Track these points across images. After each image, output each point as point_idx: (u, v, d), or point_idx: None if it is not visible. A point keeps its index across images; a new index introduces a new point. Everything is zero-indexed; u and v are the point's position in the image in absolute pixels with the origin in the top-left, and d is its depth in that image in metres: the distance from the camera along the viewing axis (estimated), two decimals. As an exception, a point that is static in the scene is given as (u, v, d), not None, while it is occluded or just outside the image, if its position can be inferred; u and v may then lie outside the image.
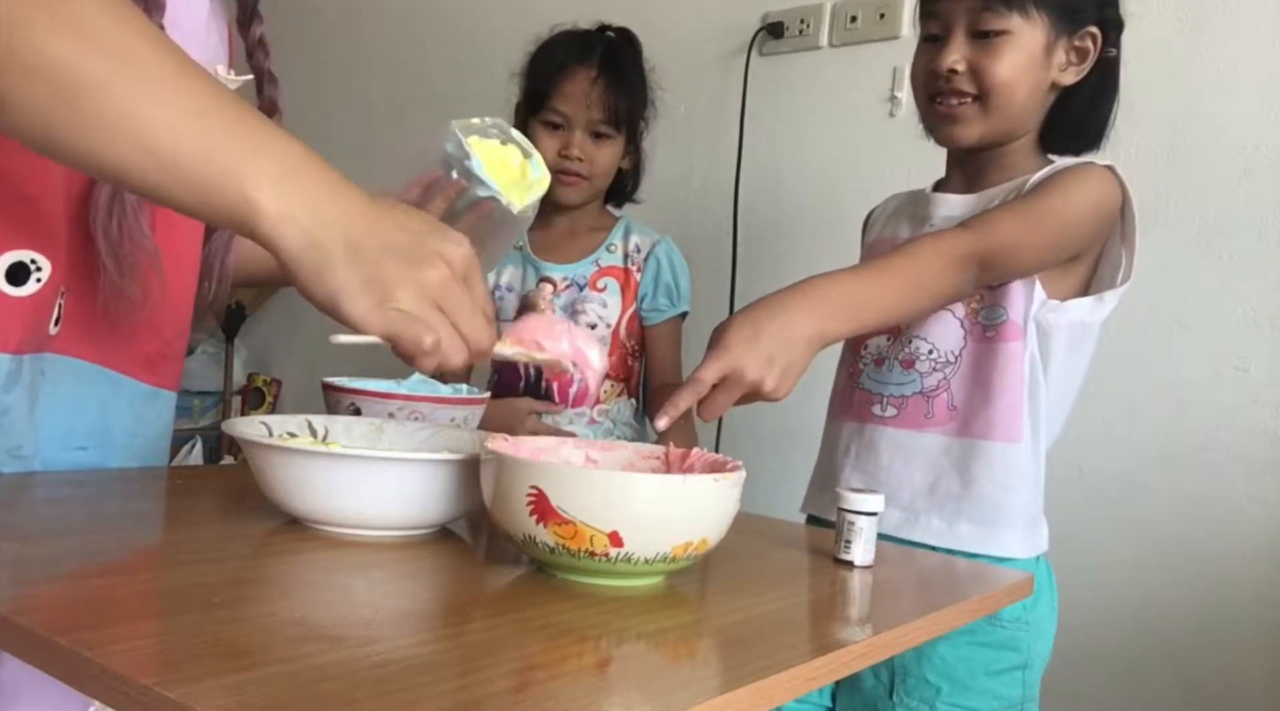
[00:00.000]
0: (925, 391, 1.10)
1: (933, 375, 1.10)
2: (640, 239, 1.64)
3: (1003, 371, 1.07)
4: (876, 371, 1.14)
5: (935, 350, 1.09)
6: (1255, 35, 1.48)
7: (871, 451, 1.13)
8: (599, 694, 0.49)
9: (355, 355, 1.05)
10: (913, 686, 1.09)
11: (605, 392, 1.58)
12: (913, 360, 1.11)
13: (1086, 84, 1.11)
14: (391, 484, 0.72)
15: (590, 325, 1.57)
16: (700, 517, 0.65)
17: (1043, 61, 1.07)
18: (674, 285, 1.63)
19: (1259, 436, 1.45)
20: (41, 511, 0.78)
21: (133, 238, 0.82)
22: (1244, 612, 1.44)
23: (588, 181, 1.59)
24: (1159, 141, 1.55)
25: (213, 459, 2.80)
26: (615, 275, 1.62)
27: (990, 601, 0.80)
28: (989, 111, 1.08)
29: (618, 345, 1.60)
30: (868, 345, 1.16)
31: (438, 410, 1.01)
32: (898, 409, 1.11)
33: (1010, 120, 1.09)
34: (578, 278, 1.61)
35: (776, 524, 1.00)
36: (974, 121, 1.09)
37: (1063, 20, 1.07)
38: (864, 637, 0.62)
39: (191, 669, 0.45)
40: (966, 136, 1.10)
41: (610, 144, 1.59)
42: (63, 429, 0.87)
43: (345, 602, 0.60)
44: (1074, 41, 1.09)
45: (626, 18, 1.76)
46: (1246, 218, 1.47)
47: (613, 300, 1.60)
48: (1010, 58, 1.05)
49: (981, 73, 1.07)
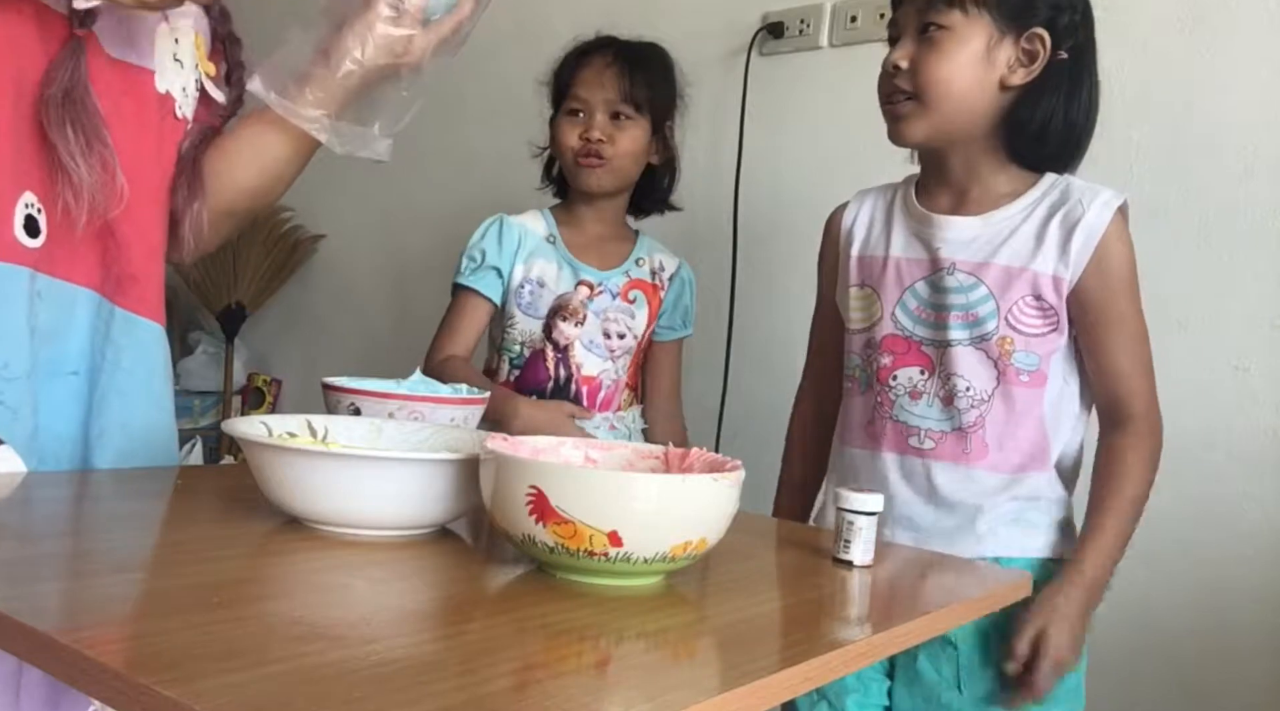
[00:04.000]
0: (965, 427, 1.15)
1: (970, 412, 1.14)
2: (664, 259, 1.65)
3: (1031, 409, 1.14)
4: (913, 404, 1.17)
5: (972, 388, 1.14)
6: (1255, 35, 1.48)
7: (915, 481, 1.17)
8: (598, 693, 0.49)
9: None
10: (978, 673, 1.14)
11: (624, 401, 1.61)
12: (952, 397, 1.15)
13: (1043, 88, 1.11)
14: (391, 484, 0.72)
15: (619, 335, 1.58)
16: (699, 517, 0.65)
17: (984, 59, 1.09)
18: (689, 309, 1.68)
19: (1259, 436, 1.45)
20: (41, 511, 0.78)
21: (88, 135, 0.85)
22: (1244, 612, 1.44)
23: (609, 164, 1.55)
24: (1159, 141, 1.55)
25: (213, 459, 2.80)
26: (644, 290, 1.62)
27: (989, 601, 0.80)
28: (927, 107, 1.10)
29: (638, 355, 1.63)
30: (896, 376, 1.18)
31: (438, 410, 1.01)
32: (936, 442, 1.16)
33: (952, 117, 1.11)
34: (611, 286, 1.60)
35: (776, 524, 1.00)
36: (915, 118, 1.11)
37: (1008, 19, 1.08)
38: (863, 637, 0.62)
39: (191, 668, 0.45)
40: (910, 134, 1.13)
41: (631, 126, 1.56)
42: (55, 351, 0.88)
43: (345, 602, 0.60)
44: (1021, 42, 1.10)
45: (628, 17, 1.76)
46: (1246, 218, 1.47)
47: (640, 313, 1.61)
48: (947, 53, 1.08)
49: (918, 69, 1.09)
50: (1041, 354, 1.13)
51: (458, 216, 2.46)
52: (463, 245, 1.65)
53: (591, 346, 1.57)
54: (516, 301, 1.58)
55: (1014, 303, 1.12)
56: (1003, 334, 1.12)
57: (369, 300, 2.64)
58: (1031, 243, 1.12)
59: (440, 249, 2.49)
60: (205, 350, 2.89)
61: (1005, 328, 1.12)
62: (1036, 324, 1.12)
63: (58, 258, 0.88)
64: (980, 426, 1.14)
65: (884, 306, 1.20)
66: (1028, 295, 1.12)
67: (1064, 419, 1.16)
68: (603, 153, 1.54)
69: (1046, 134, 1.12)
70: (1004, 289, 1.12)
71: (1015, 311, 1.12)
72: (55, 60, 0.85)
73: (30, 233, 0.85)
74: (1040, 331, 1.12)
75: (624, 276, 1.61)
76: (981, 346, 1.13)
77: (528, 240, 1.60)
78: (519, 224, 1.61)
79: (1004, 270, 1.12)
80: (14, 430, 0.84)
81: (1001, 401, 1.13)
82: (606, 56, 1.58)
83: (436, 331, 1.61)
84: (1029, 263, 1.12)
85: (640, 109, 1.56)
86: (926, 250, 1.18)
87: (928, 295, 1.17)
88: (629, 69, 1.56)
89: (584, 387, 1.56)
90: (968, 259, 1.14)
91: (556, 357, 1.56)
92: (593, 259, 1.61)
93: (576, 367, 1.56)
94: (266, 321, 2.87)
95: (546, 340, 1.57)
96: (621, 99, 1.55)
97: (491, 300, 1.59)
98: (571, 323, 1.56)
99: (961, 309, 1.14)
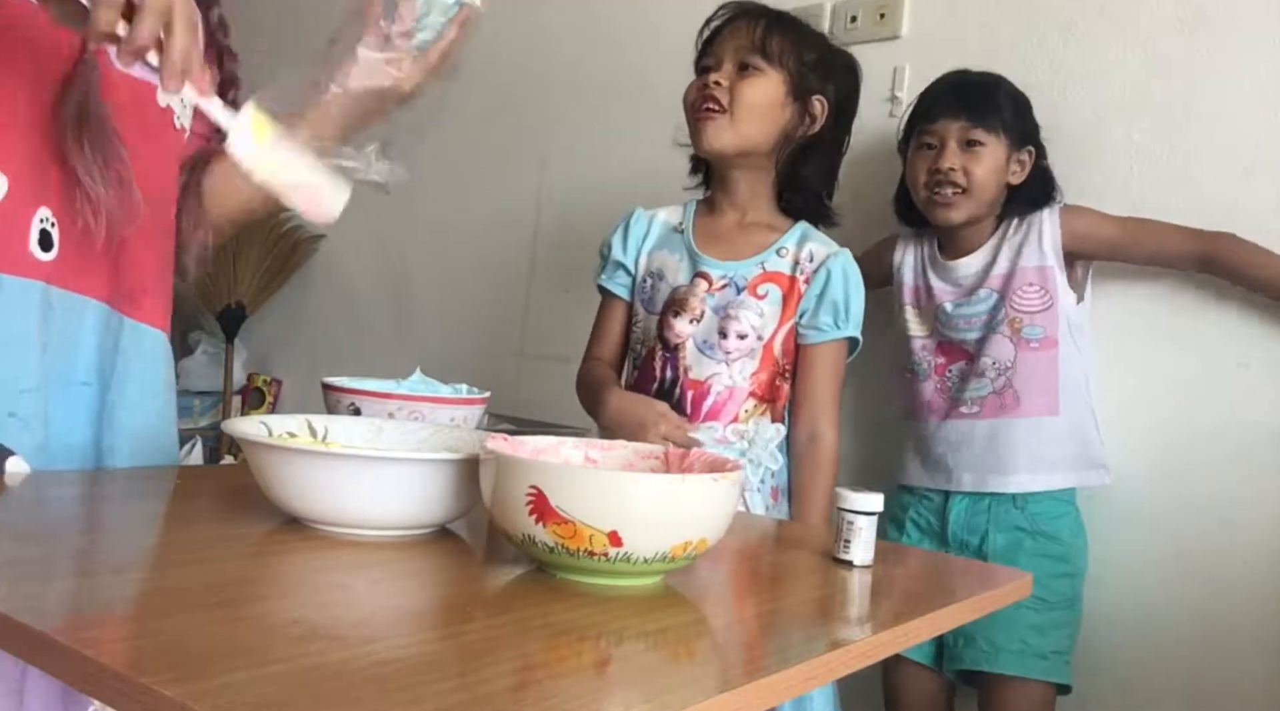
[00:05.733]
0: (997, 390, 1.51)
1: (998, 379, 1.51)
2: (815, 247, 1.42)
3: (1047, 369, 1.50)
4: (962, 385, 1.55)
5: (997, 362, 1.52)
6: (1255, 35, 1.48)
7: (971, 437, 1.53)
8: (598, 693, 0.49)
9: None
10: None
11: (745, 413, 1.38)
12: (983, 372, 1.53)
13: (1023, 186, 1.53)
14: (391, 484, 0.72)
15: (740, 335, 1.38)
16: (699, 517, 0.65)
17: (1005, 169, 1.50)
18: (842, 305, 1.40)
19: (1259, 435, 1.45)
20: (41, 511, 0.78)
21: (105, 153, 0.87)
22: (1244, 612, 1.44)
23: (727, 116, 1.36)
24: (1159, 141, 1.55)
25: (213, 459, 2.80)
26: (780, 282, 1.40)
27: (988, 600, 0.80)
28: (969, 201, 1.50)
29: (770, 361, 1.39)
30: (950, 370, 1.58)
31: (438, 410, 1.01)
32: (980, 406, 1.52)
33: (982, 206, 1.53)
34: (737, 278, 1.40)
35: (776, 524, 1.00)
36: (960, 207, 1.51)
37: (1015, 142, 1.51)
38: (863, 637, 0.62)
39: (191, 668, 0.45)
40: (956, 217, 1.52)
41: (759, 78, 1.37)
42: (65, 362, 0.90)
43: (345, 602, 0.60)
44: (1019, 156, 1.52)
45: (628, 17, 1.76)
46: (1246, 218, 1.47)
47: (771, 310, 1.39)
48: (987, 163, 1.49)
49: (970, 175, 1.49)
50: (1046, 325, 1.49)
51: (457, 217, 2.46)
52: (462, 245, 1.63)
53: (705, 347, 1.39)
54: (640, 297, 1.46)
55: (1014, 291, 1.51)
56: (1010, 317, 1.51)
57: (369, 300, 2.64)
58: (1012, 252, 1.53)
59: (440, 249, 2.49)
60: (205, 350, 2.89)
61: (1011, 310, 1.51)
62: (1034, 301, 1.50)
63: (69, 270, 0.89)
64: (1010, 387, 1.50)
65: (924, 321, 1.61)
66: (1021, 284, 1.50)
67: (1072, 374, 1.50)
68: (721, 100, 1.36)
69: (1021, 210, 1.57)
70: (1004, 284, 1.52)
71: (1016, 297, 1.51)
72: (70, 79, 0.87)
73: (44, 247, 0.86)
74: (1039, 306, 1.50)
75: (756, 268, 1.40)
76: (1001, 331, 1.51)
77: (655, 231, 1.48)
78: (649, 215, 1.50)
79: (1000, 277, 1.53)
80: (24, 441, 0.86)
81: (1020, 368, 1.50)
82: (749, 14, 1.42)
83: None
84: (1017, 260, 1.52)
85: (771, 61, 1.37)
86: (953, 285, 1.58)
87: (955, 311, 1.56)
88: (772, 23, 1.40)
89: (689, 392, 1.38)
90: (975, 279, 1.56)
91: (665, 357, 1.41)
92: (721, 250, 1.43)
93: (685, 370, 1.39)
94: (266, 321, 2.87)
95: (658, 338, 1.42)
96: (750, 47, 1.37)
97: (623, 298, 1.48)
98: (686, 319, 1.40)
99: (981, 314, 1.54)
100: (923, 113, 1.54)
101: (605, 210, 1.82)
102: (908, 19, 1.79)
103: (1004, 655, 1.43)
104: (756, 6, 1.45)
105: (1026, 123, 1.53)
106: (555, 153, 2.27)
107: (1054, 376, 1.49)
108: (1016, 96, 1.52)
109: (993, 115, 1.48)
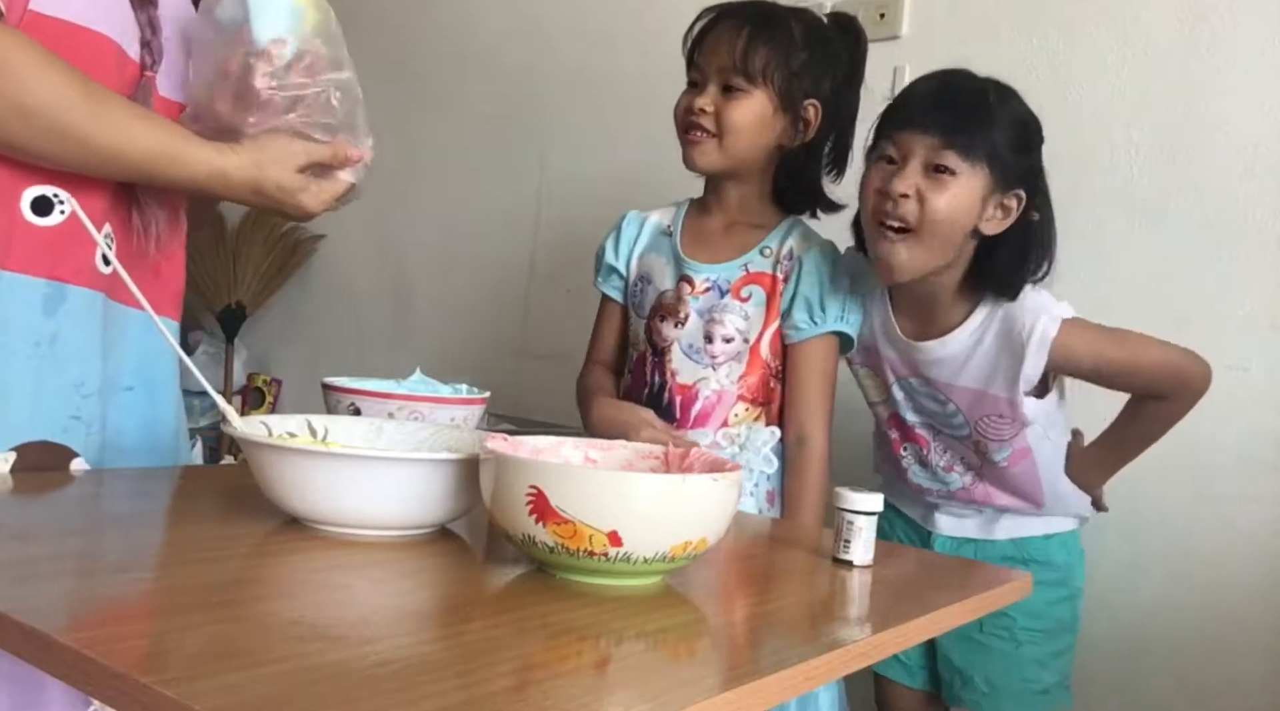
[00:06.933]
0: (966, 487, 1.34)
1: (966, 475, 1.34)
2: (795, 243, 1.36)
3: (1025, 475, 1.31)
4: (923, 472, 1.37)
5: (965, 458, 1.33)
6: (1255, 35, 1.48)
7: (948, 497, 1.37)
8: (598, 693, 0.49)
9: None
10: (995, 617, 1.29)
11: (736, 417, 1.35)
12: (951, 468, 1.34)
13: (1008, 238, 1.21)
14: (391, 484, 0.72)
15: (726, 338, 1.35)
16: (699, 517, 0.65)
17: (977, 210, 1.18)
18: (815, 300, 1.34)
19: (1259, 436, 1.45)
20: (41, 511, 0.78)
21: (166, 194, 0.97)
22: (1244, 612, 1.44)
23: (715, 139, 1.34)
24: (1159, 141, 1.55)
25: (213, 459, 2.80)
26: (762, 283, 1.35)
27: (989, 600, 0.80)
28: (920, 242, 1.19)
29: (758, 364, 1.34)
30: (905, 448, 1.38)
31: (438, 410, 1.01)
32: (944, 499, 1.37)
33: (938, 254, 1.20)
34: (720, 281, 1.37)
35: (776, 524, 1.00)
36: (905, 248, 1.20)
37: (1000, 179, 1.18)
38: (863, 637, 0.62)
39: (191, 668, 0.45)
40: (899, 261, 1.21)
41: (744, 100, 1.33)
42: (113, 367, 0.96)
43: (345, 602, 0.60)
44: (1003, 199, 1.19)
45: (628, 17, 1.76)
46: (1246, 217, 1.47)
47: (755, 312, 1.35)
48: (953, 194, 1.17)
49: (925, 204, 1.18)
50: (1016, 446, 1.28)
51: (457, 217, 2.46)
52: (462, 245, 1.62)
53: (691, 351, 1.36)
54: (631, 301, 1.44)
55: (980, 418, 1.27)
56: (975, 438, 1.29)
57: (369, 300, 2.64)
58: (987, 370, 1.24)
59: (439, 249, 2.49)
60: (205, 350, 2.88)
61: (977, 434, 1.28)
62: (1005, 432, 1.27)
63: (119, 281, 0.94)
64: (977, 482, 1.33)
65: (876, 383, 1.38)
66: (991, 414, 1.26)
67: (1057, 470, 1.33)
68: (706, 126, 1.34)
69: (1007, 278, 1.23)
70: (971, 409, 1.27)
71: (982, 425, 1.27)
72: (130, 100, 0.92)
73: (104, 261, 0.94)
74: (1007, 435, 1.27)
75: (739, 270, 1.37)
76: (964, 442, 1.31)
77: (645, 235, 1.45)
78: (640, 218, 1.46)
79: (965, 392, 1.26)
80: (88, 444, 0.93)
81: (989, 472, 1.31)
82: (730, 23, 1.36)
83: None
84: (988, 387, 1.25)
85: (754, 80, 1.33)
86: (905, 362, 1.32)
87: (914, 397, 1.33)
88: (748, 33, 1.34)
89: (678, 397, 1.35)
90: (936, 378, 1.29)
91: (654, 362, 1.38)
92: (705, 252, 1.40)
93: (672, 375, 1.36)
94: (266, 321, 2.87)
95: (647, 343, 1.39)
96: (733, 68, 1.33)
97: (619, 301, 1.46)
98: (671, 323, 1.37)
99: (942, 419, 1.31)
100: (890, 116, 1.25)
101: (605, 210, 1.81)
102: (908, 19, 1.79)
103: (1004, 698, 1.32)
104: (739, 9, 1.39)
105: (1024, 158, 1.20)
106: (555, 153, 2.27)
107: (1034, 478, 1.31)
108: (1022, 120, 1.21)
109: (979, 137, 1.17)
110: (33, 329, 0.89)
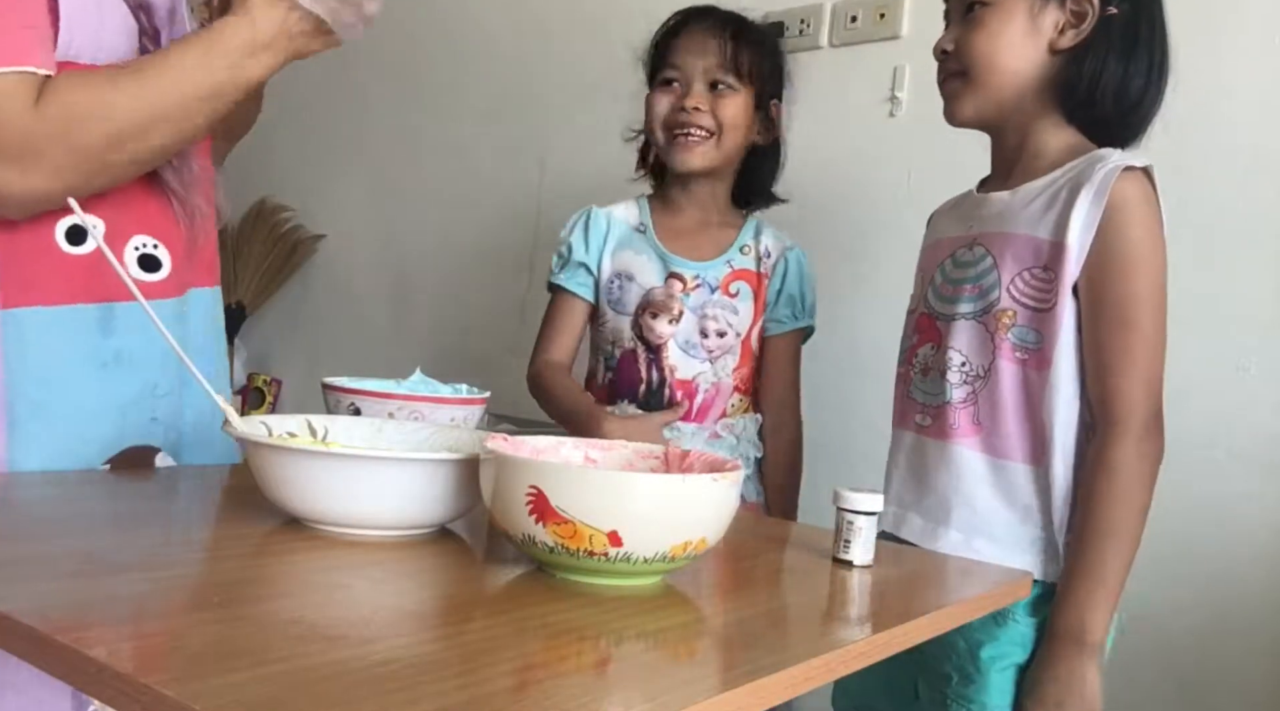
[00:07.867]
0: (953, 403, 1.11)
1: (962, 387, 1.11)
2: (771, 242, 1.46)
3: (1027, 392, 1.07)
4: (923, 381, 1.16)
5: (968, 363, 1.11)
6: (1255, 35, 1.48)
7: (912, 458, 1.17)
8: (598, 693, 0.49)
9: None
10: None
11: (732, 407, 1.42)
12: (945, 370, 1.12)
13: (1090, 46, 1.10)
14: (391, 484, 0.72)
15: (719, 333, 1.42)
16: (699, 517, 0.65)
17: (1028, 28, 1.09)
18: (799, 297, 1.46)
19: (1259, 436, 1.45)
20: (41, 511, 0.78)
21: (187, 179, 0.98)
22: (1244, 612, 1.44)
23: (714, 138, 1.40)
24: (1159, 141, 1.55)
25: (213, 458, 2.80)
26: (748, 280, 1.44)
27: (988, 600, 0.80)
28: (974, 85, 1.11)
29: (749, 355, 1.43)
30: (918, 353, 1.18)
31: (438, 410, 1.01)
32: (932, 419, 1.14)
33: (999, 90, 1.11)
34: (709, 278, 1.43)
35: (776, 524, 1.00)
36: (963, 96, 1.12)
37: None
38: (863, 637, 0.62)
39: (191, 668, 0.45)
40: (959, 112, 1.13)
41: (735, 97, 1.40)
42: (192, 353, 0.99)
43: (345, 602, 0.60)
44: (1069, 3, 1.09)
45: (627, 17, 1.76)
46: (1246, 218, 1.47)
47: (744, 307, 1.43)
48: (989, 30, 1.09)
49: (962, 49, 1.11)
50: (1045, 332, 1.05)
51: (457, 216, 2.46)
52: (462, 245, 1.63)
53: (687, 347, 1.41)
54: (607, 298, 1.46)
55: (1017, 273, 1.07)
56: (1004, 305, 1.07)
57: (369, 300, 2.64)
58: (1041, 210, 1.07)
59: (439, 249, 2.49)
60: (205, 350, 2.89)
61: (1007, 299, 1.07)
62: (1038, 297, 1.06)
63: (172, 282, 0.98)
64: (971, 403, 1.10)
65: (923, 287, 1.20)
66: (1033, 266, 1.06)
67: (1067, 416, 1.06)
68: (705, 125, 1.39)
69: (1096, 95, 1.10)
70: (1009, 258, 1.08)
71: (1018, 282, 1.07)
72: None
73: (150, 269, 0.95)
74: (1042, 306, 1.06)
75: (725, 267, 1.44)
76: (983, 320, 1.09)
77: (615, 231, 1.47)
78: (606, 214, 1.49)
79: (1011, 238, 1.08)
80: (167, 439, 0.97)
81: (997, 380, 1.08)
82: (708, 23, 1.44)
83: (538, 335, 1.51)
84: (1034, 230, 1.07)
85: (742, 78, 1.41)
86: (963, 227, 1.17)
87: (951, 271, 1.16)
88: (735, 36, 1.42)
89: (678, 392, 1.41)
90: (988, 231, 1.12)
91: (649, 359, 1.42)
92: (687, 249, 1.45)
93: (670, 370, 1.41)
94: (266, 321, 2.87)
95: (637, 340, 1.43)
96: (721, 66, 1.40)
97: (585, 298, 1.47)
98: (665, 320, 1.42)
99: (973, 281, 1.11)
100: None
101: (605, 210, 1.81)
102: (908, 19, 1.79)
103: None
104: (709, 12, 1.46)
105: None
106: (555, 152, 2.27)
107: (1039, 409, 1.07)
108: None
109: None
110: (96, 352, 0.91)
